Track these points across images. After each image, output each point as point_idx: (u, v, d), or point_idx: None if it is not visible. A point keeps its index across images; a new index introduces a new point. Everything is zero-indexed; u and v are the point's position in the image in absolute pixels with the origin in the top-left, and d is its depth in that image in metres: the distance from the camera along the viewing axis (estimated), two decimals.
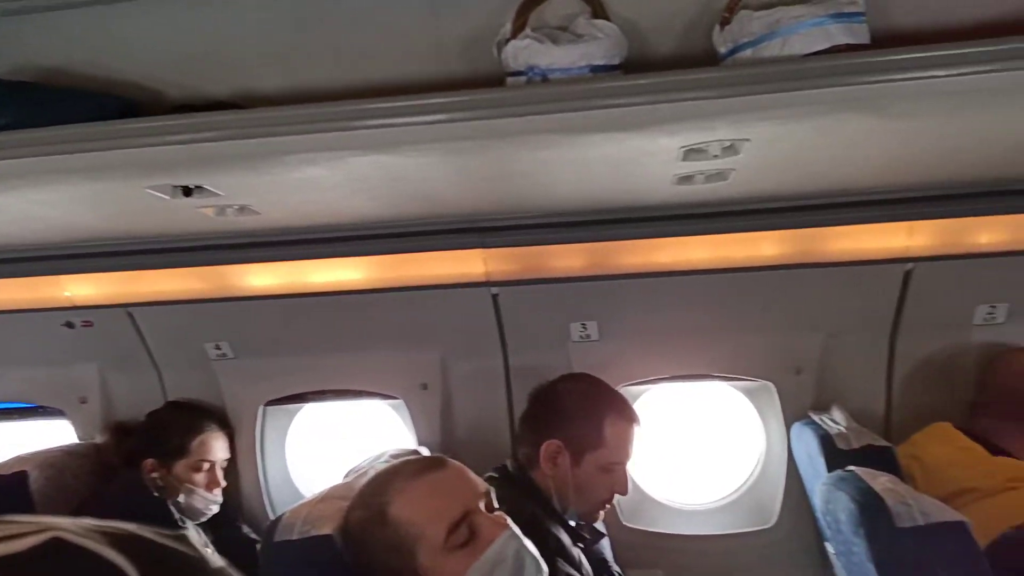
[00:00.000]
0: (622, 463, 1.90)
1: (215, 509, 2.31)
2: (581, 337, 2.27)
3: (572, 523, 1.86)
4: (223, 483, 2.33)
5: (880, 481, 1.34)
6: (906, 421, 2.16)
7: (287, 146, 1.36)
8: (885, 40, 1.31)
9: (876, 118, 1.32)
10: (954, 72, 1.17)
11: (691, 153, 1.45)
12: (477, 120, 1.31)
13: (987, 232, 1.93)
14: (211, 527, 2.33)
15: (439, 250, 2.11)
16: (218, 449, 2.34)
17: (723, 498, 2.44)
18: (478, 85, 1.46)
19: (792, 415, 2.22)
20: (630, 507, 2.31)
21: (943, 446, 1.92)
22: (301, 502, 1.51)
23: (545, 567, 1.34)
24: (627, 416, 1.93)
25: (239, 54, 1.53)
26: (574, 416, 1.90)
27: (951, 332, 2.14)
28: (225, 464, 2.37)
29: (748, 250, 2.04)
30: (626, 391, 2.23)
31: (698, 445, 2.53)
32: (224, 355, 2.40)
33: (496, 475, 1.94)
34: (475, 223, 2.07)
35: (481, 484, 1.37)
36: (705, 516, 2.41)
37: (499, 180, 1.70)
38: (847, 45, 1.27)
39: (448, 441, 2.37)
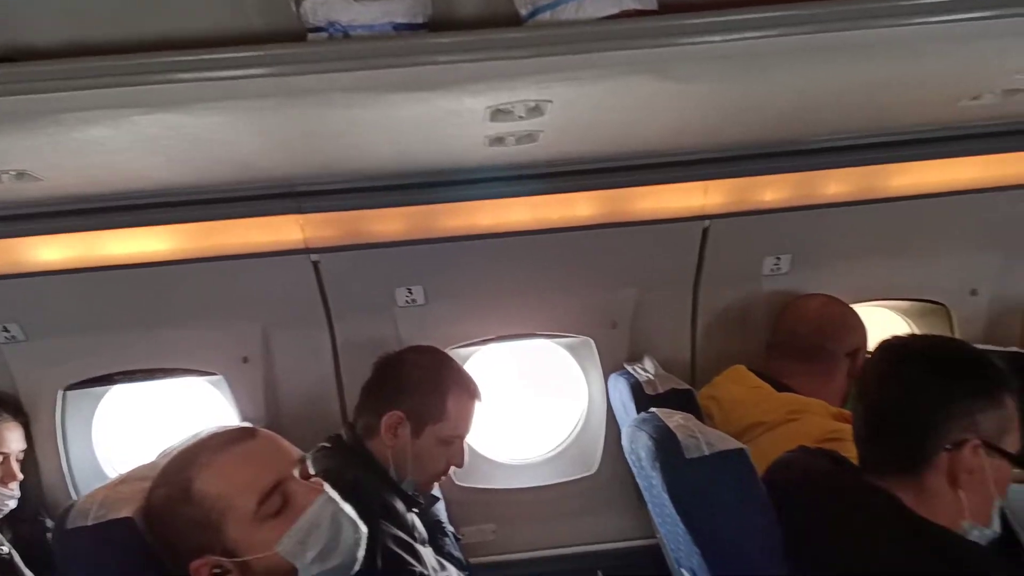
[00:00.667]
0: (461, 436, 1.95)
1: (13, 504, 2.13)
2: (407, 302, 2.27)
3: (408, 492, 1.88)
4: (19, 476, 2.14)
5: (675, 419, 1.46)
6: (709, 366, 2.35)
7: (61, 103, 1.24)
8: (672, 7, 1.39)
9: (665, 81, 1.40)
10: (728, 37, 1.27)
11: (498, 114, 1.48)
12: (274, 77, 1.26)
13: (771, 190, 2.12)
14: (9, 523, 2.14)
15: (252, 216, 2.02)
16: (11, 440, 2.14)
17: (551, 450, 2.55)
18: (279, 41, 1.41)
19: (610, 367, 2.35)
20: (464, 467, 2.36)
21: (737, 386, 2.12)
22: (99, 486, 1.41)
23: (364, 528, 1.34)
24: (470, 391, 1.97)
25: (11, 3, 1.37)
26: (419, 388, 1.91)
27: (744, 283, 2.35)
28: (21, 455, 2.18)
29: (563, 211, 2.12)
30: (455, 353, 2.28)
31: (527, 402, 2.62)
32: (13, 337, 2.18)
33: (328, 444, 1.93)
34: (290, 188, 2.00)
35: (294, 451, 1.34)
36: (534, 469, 2.51)
37: (310, 142, 1.64)
38: (636, 10, 1.34)
39: (274, 416, 2.31)
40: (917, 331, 2.45)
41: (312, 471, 1.38)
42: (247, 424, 1.43)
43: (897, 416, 1.33)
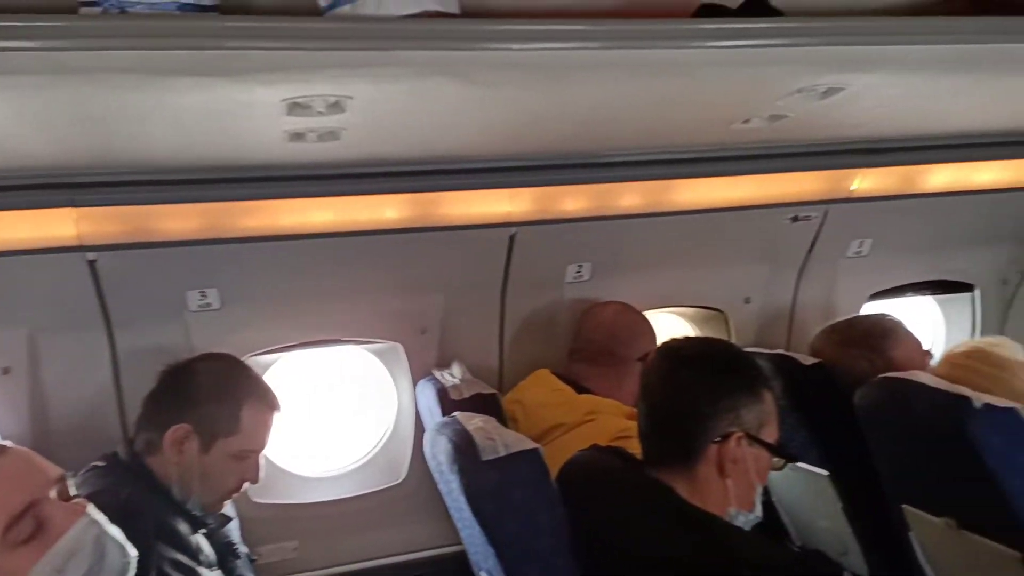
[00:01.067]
0: (256, 451, 1.83)
1: None
2: (200, 306, 2.11)
3: (194, 512, 1.75)
4: None
5: (474, 423, 1.48)
6: (517, 370, 2.40)
7: None
8: (474, 13, 1.40)
9: (467, 85, 1.41)
10: (527, 46, 1.30)
11: (295, 108, 1.42)
12: (39, 51, 1.13)
13: (573, 200, 2.22)
14: None
15: (16, 209, 1.80)
16: None
17: (358, 460, 2.48)
18: (47, 12, 1.26)
19: (419, 373, 2.33)
20: (260, 482, 2.24)
21: (540, 389, 2.20)
22: None
23: (134, 552, 1.23)
24: (268, 402, 1.86)
25: None
26: (209, 399, 1.78)
27: (549, 290, 2.42)
28: None
29: (371, 213, 2.08)
30: (253, 361, 2.16)
31: (333, 411, 2.54)
32: None
33: (103, 464, 1.75)
34: (63, 178, 1.80)
35: (52, 470, 1.20)
36: (339, 480, 2.43)
37: (84, 127, 1.49)
38: (438, 12, 1.34)
39: (41, 433, 2.05)
40: (699, 335, 2.66)
41: (76, 492, 1.24)
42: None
43: (673, 413, 1.44)
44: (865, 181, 2.46)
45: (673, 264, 2.51)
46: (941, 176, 2.50)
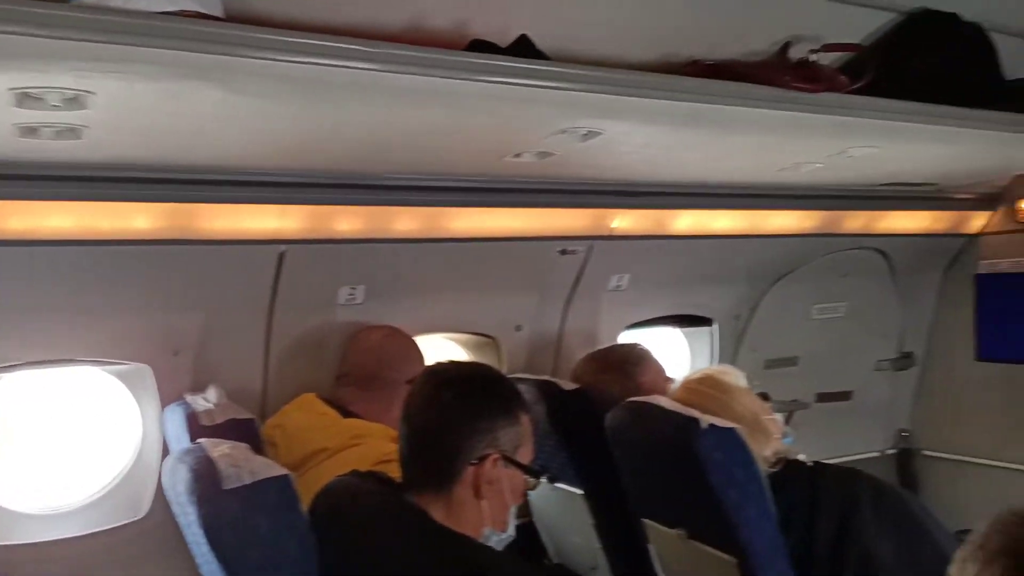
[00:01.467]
0: None
1: None
2: None
3: None
4: None
5: (221, 449, 1.39)
6: (282, 395, 2.29)
7: None
8: (240, 19, 1.34)
9: (226, 93, 1.35)
10: (291, 58, 1.27)
11: (26, 99, 1.27)
12: None
13: (347, 220, 2.17)
14: None
15: None
16: None
17: (92, 495, 2.22)
18: None
19: (170, 398, 2.14)
20: None
21: (303, 413, 2.12)
22: None
23: None
24: None
25: None
26: None
27: (320, 311, 2.35)
28: None
29: (118, 222, 1.89)
30: None
31: (62, 439, 2.26)
32: None
33: None
34: None
35: None
36: (69, 517, 2.15)
37: None
38: (198, 13, 1.26)
39: None
40: (471, 359, 2.72)
41: None
42: None
43: (432, 435, 1.44)
44: (624, 221, 2.67)
45: (447, 290, 2.55)
46: (685, 221, 2.78)
